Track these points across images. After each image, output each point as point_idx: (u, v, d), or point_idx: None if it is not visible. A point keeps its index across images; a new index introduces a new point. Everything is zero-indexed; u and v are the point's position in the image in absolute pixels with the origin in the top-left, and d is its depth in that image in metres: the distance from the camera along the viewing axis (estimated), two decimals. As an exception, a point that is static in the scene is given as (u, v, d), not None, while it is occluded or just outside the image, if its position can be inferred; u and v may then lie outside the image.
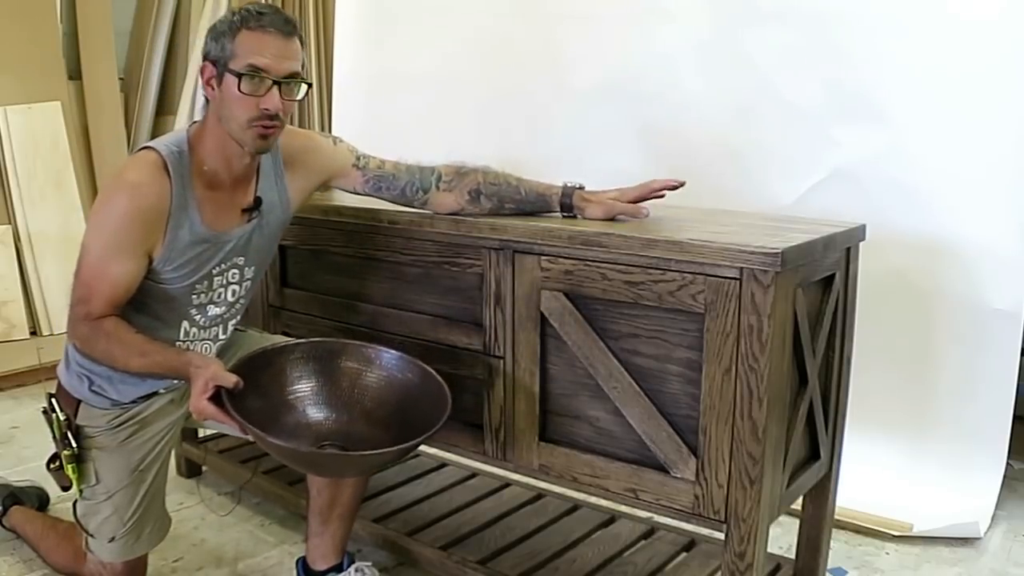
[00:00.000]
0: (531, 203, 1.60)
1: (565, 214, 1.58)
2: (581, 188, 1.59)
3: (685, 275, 1.33)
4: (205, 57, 1.45)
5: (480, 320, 1.60)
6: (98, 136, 3.56)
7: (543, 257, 1.49)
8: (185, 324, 1.60)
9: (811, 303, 1.46)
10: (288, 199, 1.64)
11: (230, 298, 1.63)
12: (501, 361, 1.58)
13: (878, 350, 2.12)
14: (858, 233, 1.57)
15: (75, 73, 3.57)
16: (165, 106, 3.89)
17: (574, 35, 2.69)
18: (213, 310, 1.62)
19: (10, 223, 3.28)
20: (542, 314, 1.51)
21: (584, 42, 2.67)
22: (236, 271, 1.60)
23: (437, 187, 1.64)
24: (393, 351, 1.59)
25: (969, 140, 2.04)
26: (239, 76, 1.40)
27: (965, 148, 2.05)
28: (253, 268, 1.64)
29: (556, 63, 2.73)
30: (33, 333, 3.29)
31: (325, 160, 1.67)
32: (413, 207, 1.68)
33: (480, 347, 1.61)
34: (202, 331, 1.63)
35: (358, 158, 1.68)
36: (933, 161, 2.10)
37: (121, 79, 3.74)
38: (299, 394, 1.56)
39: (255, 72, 1.41)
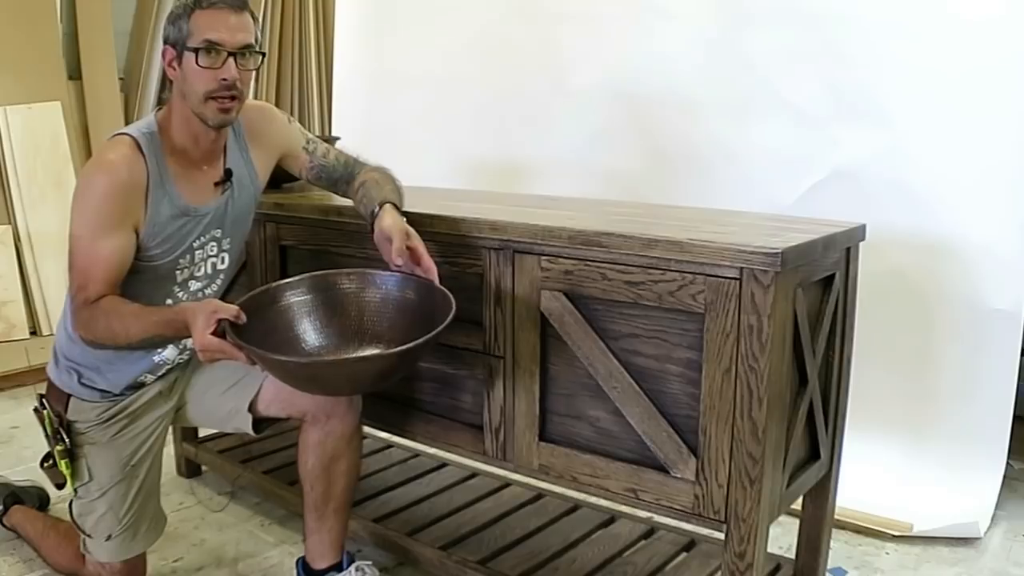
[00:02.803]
0: (366, 206, 1.63)
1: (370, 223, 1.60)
2: (394, 205, 1.59)
3: (685, 275, 1.33)
4: (165, 41, 1.52)
5: (480, 320, 1.60)
6: (98, 136, 3.55)
7: (543, 257, 1.49)
8: (169, 303, 1.62)
9: (811, 303, 1.46)
10: (255, 170, 1.69)
11: (210, 271, 1.66)
12: (501, 361, 1.58)
13: (878, 350, 2.12)
14: (858, 233, 1.57)
15: (75, 73, 3.57)
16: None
17: (574, 35, 2.69)
18: (194, 285, 1.65)
19: (10, 223, 3.28)
20: (542, 314, 1.51)
21: (584, 42, 2.67)
22: (215, 244, 1.64)
23: (353, 180, 1.73)
24: (393, 272, 1.57)
25: (969, 140, 2.04)
26: (196, 51, 1.47)
27: (965, 148, 2.05)
28: (230, 240, 1.67)
29: (556, 63, 2.74)
30: (33, 333, 3.29)
31: (283, 134, 1.74)
32: (336, 194, 1.79)
33: (480, 347, 1.61)
34: None
35: (308, 141, 1.76)
36: (933, 161, 2.10)
37: (121, 79, 3.74)
38: (307, 326, 1.57)
39: (211, 46, 1.47)
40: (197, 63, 1.47)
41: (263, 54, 1.57)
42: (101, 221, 1.47)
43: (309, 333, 1.57)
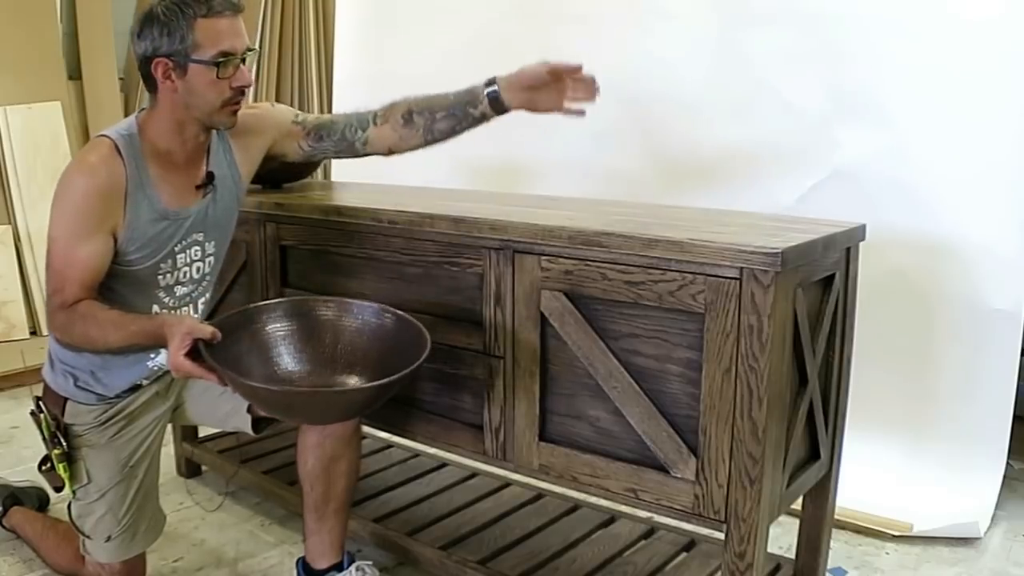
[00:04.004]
0: (461, 101, 1.61)
1: (492, 105, 1.60)
2: (494, 82, 1.60)
3: (685, 275, 1.33)
4: (155, 52, 1.46)
5: (480, 320, 1.60)
6: (98, 136, 3.56)
7: (543, 257, 1.49)
8: (155, 308, 1.62)
9: (811, 303, 1.46)
10: (238, 172, 1.68)
11: (195, 275, 1.65)
12: (501, 361, 1.58)
13: (878, 350, 2.12)
14: (858, 233, 1.57)
15: (75, 73, 3.58)
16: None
17: (574, 35, 2.69)
18: (180, 290, 1.64)
19: (10, 223, 3.29)
20: (542, 314, 1.51)
21: (584, 42, 2.66)
22: (198, 248, 1.63)
23: (374, 123, 1.68)
24: (371, 303, 1.60)
25: (969, 140, 2.04)
26: (216, 64, 1.45)
27: (965, 148, 2.05)
28: (213, 243, 1.66)
29: (556, 63, 2.73)
30: (33, 333, 3.30)
31: (267, 121, 1.72)
32: (356, 152, 1.72)
33: (480, 347, 1.61)
34: (172, 312, 1.65)
35: (296, 115, 1.74)
36: (933, 161, 2.10)
37: (121, 79, 3.74)
38: (282, 351, 1.57)
39: (228, 57, 1.45)
40: (218, 76, 1.45)
41: (256, 50, 1.57)
42: (79, 225, 1.46)
43: (284, 357, 1.57)
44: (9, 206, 3.29)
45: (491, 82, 1.60)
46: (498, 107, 1.61)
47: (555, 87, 1.58)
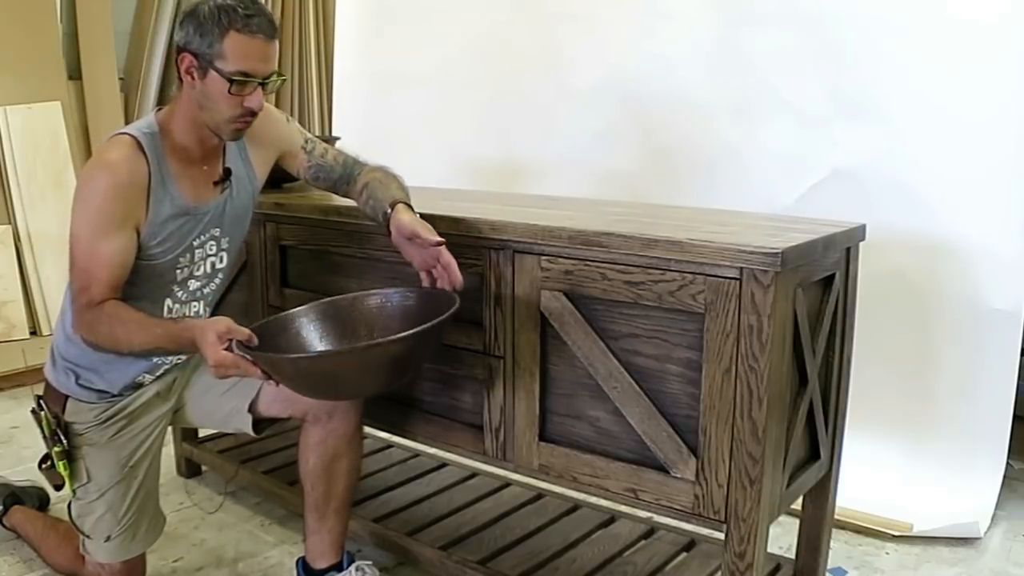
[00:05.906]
0: (380, 202, 1.61)
1: (384, 223, 1.59)
2: (407, 205, 1.59)
3: (685, 275, 1.33)
4: (186, 45, 1.47)
5: (480, 320, 1.60)
6: (98, 136, 3.55)
7: (543, 257, 1.49)
8: (168, 301, 1.62)
9: (811, 303, 1.46)
10: (253, 170, 1.69)
11: (208, 270, 1.66)
12: (501, 361, 1.58)
13: (878, 350, 2.12)
14: (858, 233, 1.57)
15: (75, 73, 3.57)
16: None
17: (574, 35, 2.69)
18: (193, 284, 1.65)
19: (10, 223, 3.28)
20: (542, 314, 1.51)
21: (584, 42, 2.67)
22: (214, 243, 1.64)
23: (353, 182, 1.72)
24: (397, 289, 1.62)
25: (969, 140, 2.04)
26: (230, 80, 1.45)
27: (965, 148, 2.05)
28: (228, 239, 1.67)
29: (556, 63, 2.74)
30: (33, 333, 3.29)
31: (281, 133, 1.73)
32: (336, 194, 1.78)
33: (480, 347, 1.61)
34: (183, 306, 1.66)
35: (306, 141, 1.75)
36: (933, 161, 2.10)
37: (121, 79, 3.74)
38: (320, 349, 1.59)
39: (246, 78, 1.46)
40: (229, 91, 1.46)
41: (284, 78, 1.56)
42: (102, 222, 1.47)
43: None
44: (9, 206, 3.29)
45: (393, 205, 1.58)
46: (386, 227, 1.59)
47: (429, 251, 1.53)
